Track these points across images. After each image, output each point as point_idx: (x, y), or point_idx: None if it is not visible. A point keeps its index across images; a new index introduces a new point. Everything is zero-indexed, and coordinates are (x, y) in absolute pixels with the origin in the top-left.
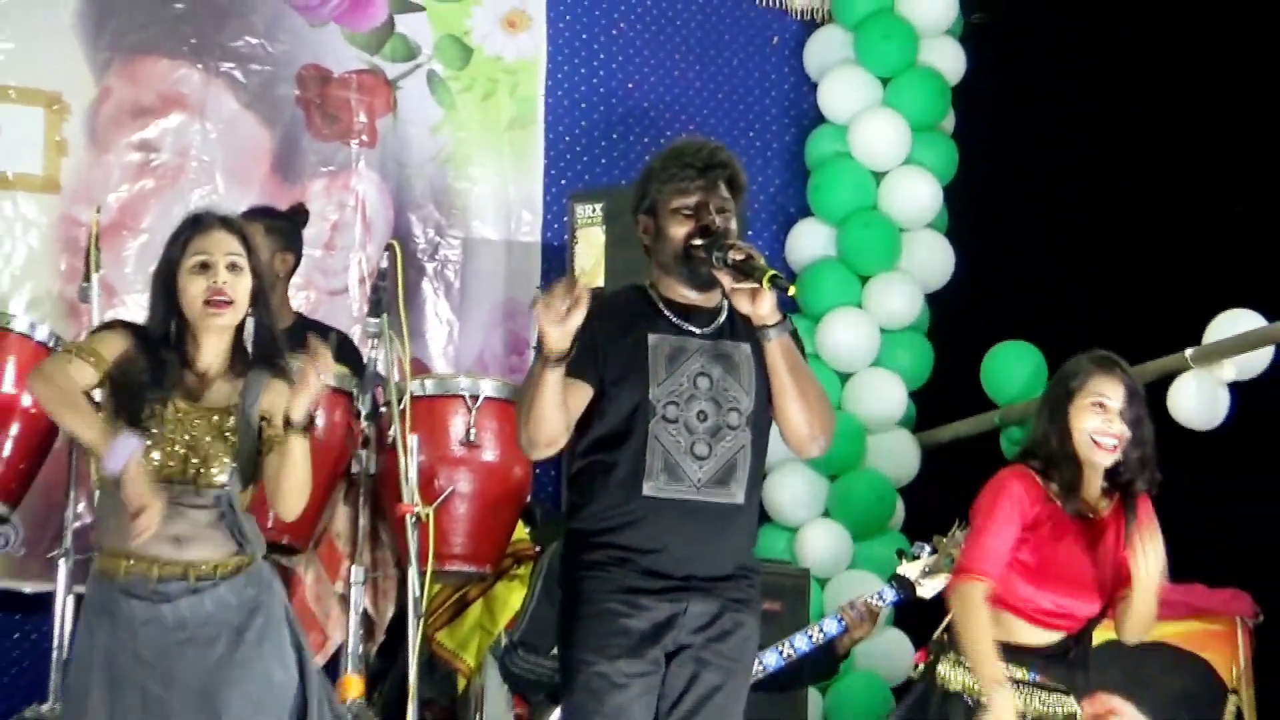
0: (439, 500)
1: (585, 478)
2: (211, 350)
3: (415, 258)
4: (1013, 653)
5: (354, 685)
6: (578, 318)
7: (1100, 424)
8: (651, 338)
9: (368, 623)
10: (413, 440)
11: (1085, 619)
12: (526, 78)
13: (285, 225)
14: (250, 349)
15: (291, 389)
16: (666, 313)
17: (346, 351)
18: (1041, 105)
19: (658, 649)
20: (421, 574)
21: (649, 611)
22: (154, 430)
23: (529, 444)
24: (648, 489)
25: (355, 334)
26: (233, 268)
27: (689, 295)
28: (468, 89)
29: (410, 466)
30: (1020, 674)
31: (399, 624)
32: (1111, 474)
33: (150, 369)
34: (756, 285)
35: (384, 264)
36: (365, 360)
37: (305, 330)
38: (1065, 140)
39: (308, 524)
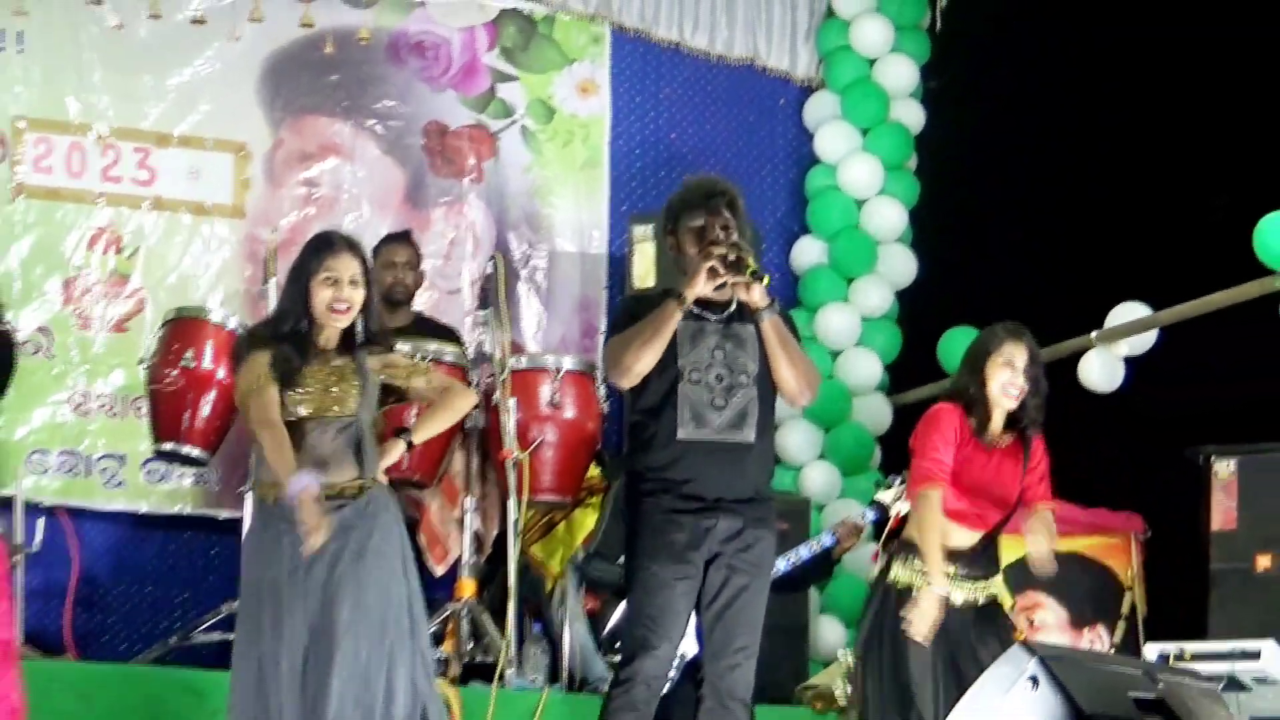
0: (531, 447)
1: (638, 431)
2: (330, 335)
3: (512, 266)
4: (946, 554)
5: (468, 587)
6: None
7: (1008, 378)
8: (679, 323)
9: (478, 540)
10: (511, 402)
11: (994, 522)
12: (595, 130)
13: (416, 245)
14: (358, 336)
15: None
16: (690, 306)
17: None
18: (980, 150)
19: (697, 555)
20: (518, 503)
21: (687, 528)
22: (300, 387)
23: (627, 370)
24: (681, 434)
25: (467, 324)
26: (353, 283)
27: (707, 292)
28: (551, 139)
29: (510, 422)
30: (951, 570)
31: (501, 541)
32: (1012, 416)
33: (294, 348)
34: (744, 278)
35: (489, 270)
36: (475, 342)
37: (424, 328)
38: (999, 175)
39: (433, 466)
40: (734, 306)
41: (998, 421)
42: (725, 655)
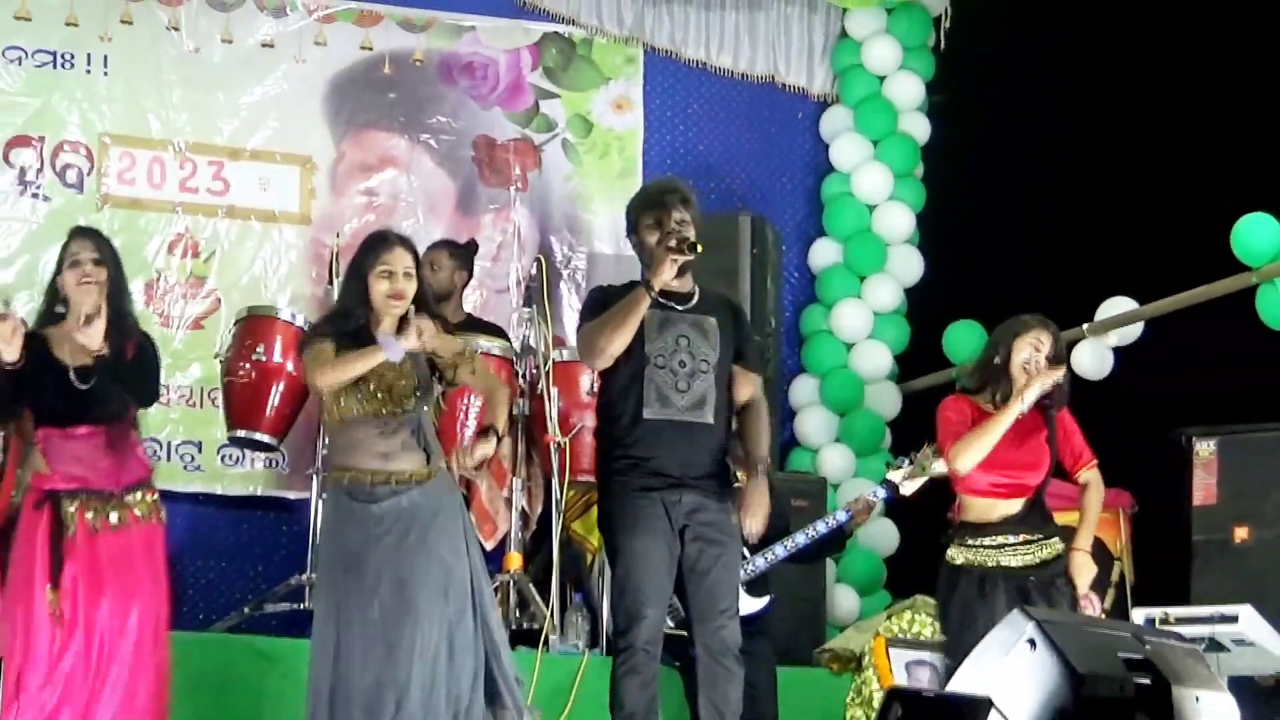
0: (572, 433)
1: (608, 411)
2: (388, 326)
3: (555, 266)
4: (994, 527)
5: (515, 560)
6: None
7: (1029, 356)
8: (647, 313)
9: (524, 517)
10: (554, 391)
11: (1033, 487)
12: (630, 143)
13: (463, 252)
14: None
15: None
16: (656, 295)
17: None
18: (981, 159)
19: (670, 525)
20: (561, 483)
21: (656, 503)
22: (361, 385)
23: (600, 353)
24: (647, 414)
25: (513, 320)
26: (407, 275)
27: (670, 282)
28: (590, 151)
29: (552, 409)
30: (1002, 539)
31: (546, 518)
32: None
33: (353, 342)
34: (688, 255)
35: (534, 271)
36: (521, 338)
37: (473, 326)
38: (998, 182)
39: None
40: (697, 297)
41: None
42: (712, 618)
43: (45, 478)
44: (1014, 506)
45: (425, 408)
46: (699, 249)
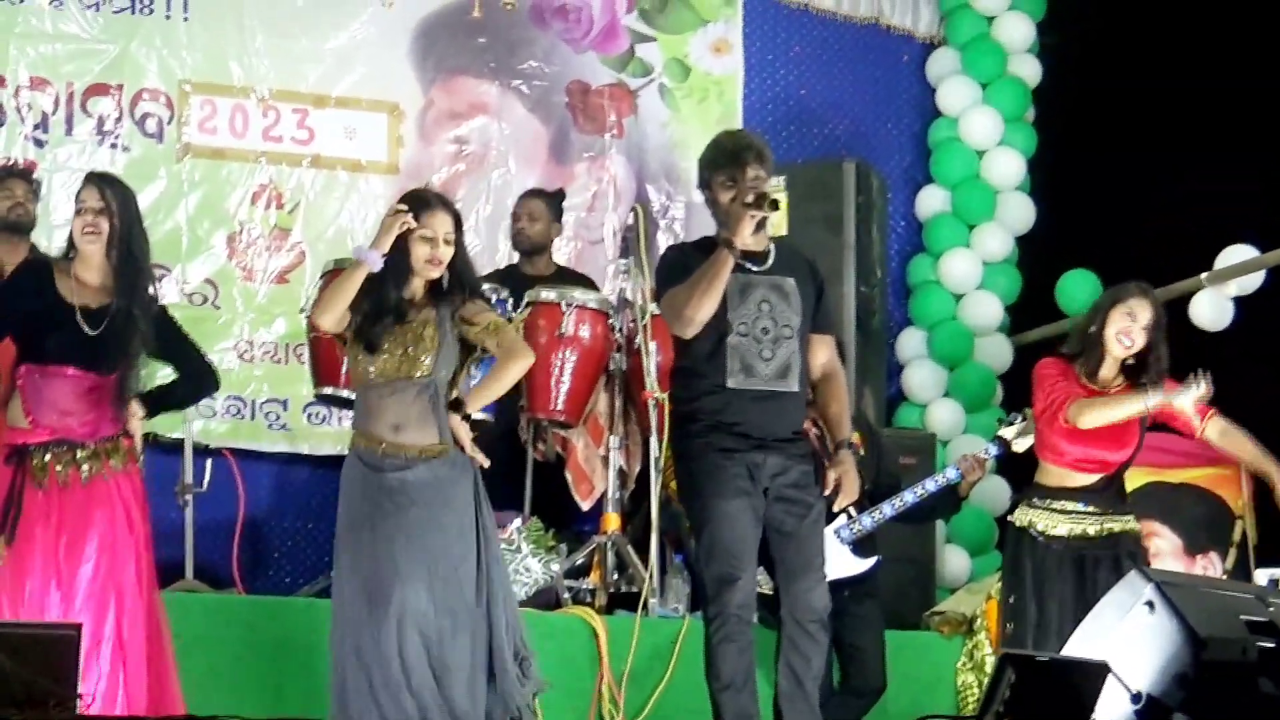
0: (671, 389)
1: (685, 377)
2: (417, 286)
3: (652, 216)
4: (1068, 493)
5: (612, 521)
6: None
7: (1125, 325)
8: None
9: (622, 476)
10: (653, 346)
11: (1115, 464)
12: (729, 87)
13: (555, 202)
14: (445, 286)
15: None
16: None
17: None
18: (1092, 101)
19: (756, 487)
20: (659, 441)
21: (740, 464)
22: (381, 351)
23: (690, 321)
24: (730, 383)
25: (609, 272)
26: (447, 241)
27: (747, 241)
28: (687, 96)
29: (651, 364)
30: (1074, 506)
31: (644, 477)
32: (1132, 369)
33: (380, 305)
34: (765, 211)
35: (631, 221)
36: (618, 290)
37: (565, 278)
38: (1112, 126)
39: (579, 406)
40: (773, 257)
41: (1109, 368)
42: (798, 580)
43: (20, 431)
44: (1090, 479)
45: (444, 373)
46: (779, 205)
